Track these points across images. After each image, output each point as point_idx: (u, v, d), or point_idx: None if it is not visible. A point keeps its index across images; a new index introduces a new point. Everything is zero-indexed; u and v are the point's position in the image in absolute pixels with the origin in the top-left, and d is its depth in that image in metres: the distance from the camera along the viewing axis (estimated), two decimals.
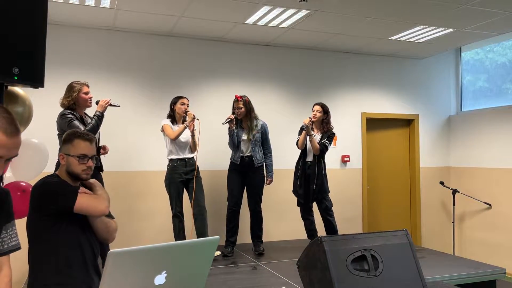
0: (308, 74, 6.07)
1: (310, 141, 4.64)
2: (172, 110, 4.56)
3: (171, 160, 4.48)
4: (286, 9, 4.52)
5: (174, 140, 4.42)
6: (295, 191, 4.83)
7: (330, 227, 4.73)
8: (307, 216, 4.81)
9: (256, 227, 4.67)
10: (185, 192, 4.57)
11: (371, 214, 6.37)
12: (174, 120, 4.55)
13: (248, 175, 4.60)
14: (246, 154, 4.58)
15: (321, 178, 4.70)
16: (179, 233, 4.46)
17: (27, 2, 2.16)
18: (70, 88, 3.85)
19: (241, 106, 4.56)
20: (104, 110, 3.90)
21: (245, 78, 5.72)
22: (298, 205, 4.85)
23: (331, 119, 4.81)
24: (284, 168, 5.71)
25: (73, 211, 2.06)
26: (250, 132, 4.57)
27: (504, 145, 5.90)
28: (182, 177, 4.43)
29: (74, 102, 3.81)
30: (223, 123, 4.55)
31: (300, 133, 4.80)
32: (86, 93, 3.86)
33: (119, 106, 4.08)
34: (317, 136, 4.74)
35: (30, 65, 2.16)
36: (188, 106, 4.55)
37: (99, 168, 4.04)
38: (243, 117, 4.61)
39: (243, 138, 4.59)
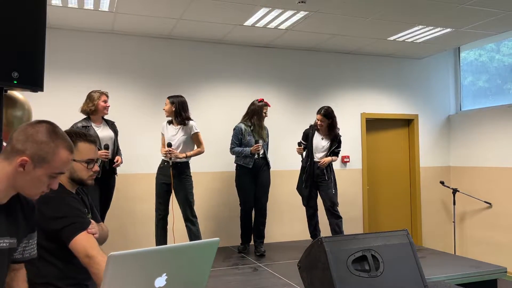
0: (308, 75, 6.08)
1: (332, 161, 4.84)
2: None
3: (162, 160, 4.50)
4: (285, 10, 4.53)
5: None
6: (300, 193, 4.92)
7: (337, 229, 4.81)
8: (312, 214, 4.90)
9: (261, 227, 4.70)
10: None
11: (372, 214, 6.37)
12: (170, 121, 4.57)
13: (259, 175, 4.67)
14: (261, 156, 4.66)
15: (333, 179, 4.82)
16: (160, 239, 4.38)
17: (26, 6, 2.16)
18: (91, 96, 4.20)
19: (267, 111, 4.74)
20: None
21: (244, 80, 5.73)
22: (303, 204, 4.94)
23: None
24: (284, 169, 5.72)
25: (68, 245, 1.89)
26: (264, 135, 4.72)
27: (504, 144, 5.90)
28: (163, 179, 4.39)
29: (95, 109, 4.16)
30: (251, 153, 4.56)
31: (302, 138, 4.98)
32: (105, 101, 4.22)
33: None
34: (324, 140, 4.84)
35: (29, 69, 2.16)
36: (166, 106, 4.48)
37: (113, 171, 4.34)
38: (262, 122, 4.72)
39: (260, 141, 4.64)
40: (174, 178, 4.31)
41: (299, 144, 4.91)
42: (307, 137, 4.90)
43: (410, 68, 6.65)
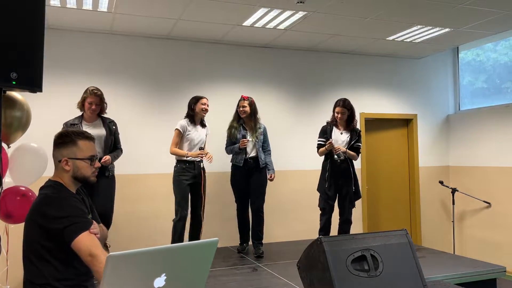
0: (307, 75, 6.08)
1: (347, 155, 4.59)
2: (192, 110, 4.49)
3: (178, 161, 4.43)
4: (283, 10, 4.53)
5: (171, 153, 4.44)
6: (324, 193, 4.66)
7: (349, 227, 4.75)
8: (330, 218, 4.69)
9: (258, 228, 4.65)
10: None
11: (371, 214, 6.37)
12: (192, 121, 4.48)
13: (252, 176, 4.59)
14: (251, 156, 4.57)
15: (356, 178, 4.66)
16: (179, 239, 4.38)
17: (24, 7, 2.16)
18: (84, 91, 4.10)
19: (246, 105, 4.59)
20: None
21: (243, 80, 5.73)
22: (323, 206, 4.67)
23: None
24: (284, 169, 5.72)
25: (70, 245, 1.89)
26: (254, 134, 4.58)
27: (503, 144, 5.91)
28: (189, 180, 4.40)
29: (82, 106, 4.07)
30: (240, 148, 4.53)
31: (320, 136, 4.70)
32: (90, 103, 4.04)
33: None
34: (344, 134, 4.65)
35: (28, 70, 2.16)
36: (208, 106, 4.51)
37: (103, 173, 4.07)
38: (246, 118, 4.62)
39: (248, 137, 4.57)
40: (202, 177, 4.44)
41: (322, 143, 4.64)
42: (326, 133, 4.68)
43: (409, 68, 6.66)
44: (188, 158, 4.37)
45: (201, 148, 4.41)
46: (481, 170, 6.21)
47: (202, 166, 4.47)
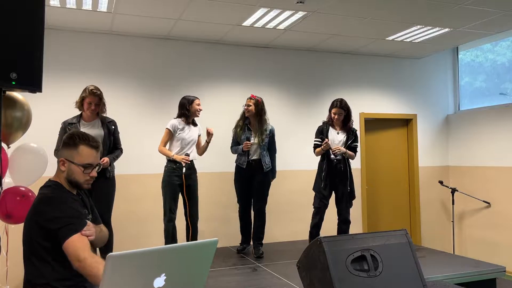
0: (306, 75, 6.08)
1: (346, 155, 4.58)
2: (187, 110, 4.38)
3: (169, 161, 4.37)
4: (283, 10, 4.54)
5: (158, 151, 4.39)
6: (319, 192, 4.63)
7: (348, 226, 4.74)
8: (323, 216, 4.67)
9: (259, 229, 4.64)
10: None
11: (371, 214, 6.37)
12: (187, 120, 4.40)
13: (255, 177, 4.53)
14: (253, 158, 4.51)
15: (352, 178, 4.65)
16: (172, 240, 4.34)
17: (24, 7, 2.16)
18: (83, 90, 4.03)
19: (251, 104, 4.51)
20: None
21: (243, 80, 5.73)
22: (318, 205, 4.64)
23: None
24: (283, 169, 5.72)
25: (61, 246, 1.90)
26: (259, 136, 4.49)
27: (502, 144, 5.91)
28: (179, 180, 4.31)
29: (81, 105, 4.01)
30: (243, 150, 4.47)
31: (317, 136, 4.69)
32: (89, 103, 3.97)
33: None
34: (340, 134, 4.64)
35: (28, 70, 2.16)
36: (201, 107, 4.50)
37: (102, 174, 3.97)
38: (251, 118, 4.55)
39: (251, 141, 4.50)
40: (190, 177, 4.34)
41: (318, 143, 4.60)
42: (322, 133, 4.66)
43: (408, 68, 6.66)
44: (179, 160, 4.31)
45: (187, 154, 4.32)
46: (480, 170, 6.21)
47: (184, 170, 4.28)
